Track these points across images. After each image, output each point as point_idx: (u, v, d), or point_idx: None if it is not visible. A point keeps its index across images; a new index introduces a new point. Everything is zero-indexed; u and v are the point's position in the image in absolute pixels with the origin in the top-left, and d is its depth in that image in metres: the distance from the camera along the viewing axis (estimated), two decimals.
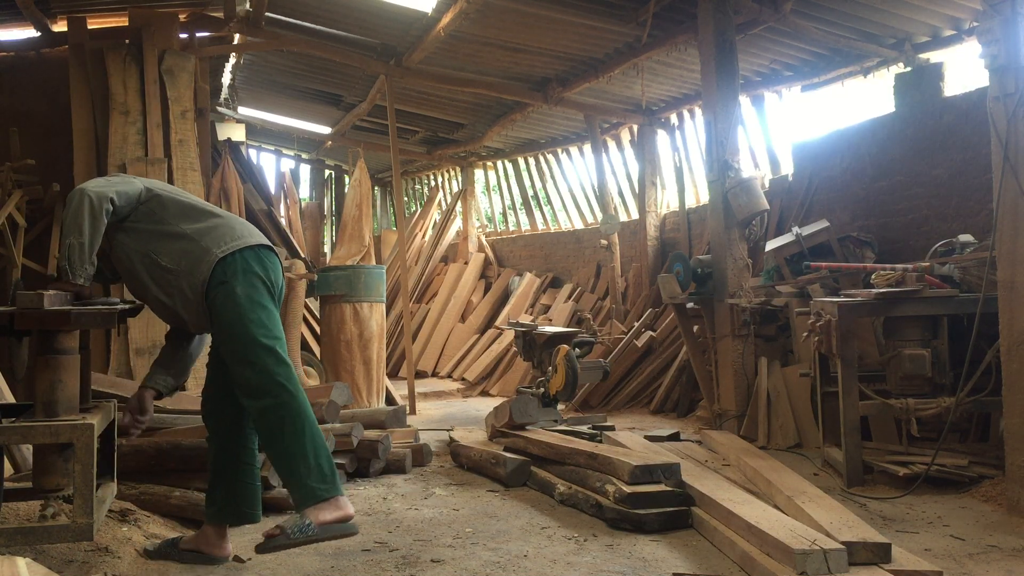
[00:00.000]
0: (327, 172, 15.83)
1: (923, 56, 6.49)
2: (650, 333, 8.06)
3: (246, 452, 3.34)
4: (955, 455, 4.60)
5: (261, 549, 3.02)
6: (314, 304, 8.25)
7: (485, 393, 9.49)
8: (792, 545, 3.06)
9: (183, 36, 7.12)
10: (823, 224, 6.24)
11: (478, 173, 13.90)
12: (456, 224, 13.25)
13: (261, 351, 3.04)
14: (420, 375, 10.59)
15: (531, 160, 12.35)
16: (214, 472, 3.34)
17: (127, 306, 3.16)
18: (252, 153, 14.18)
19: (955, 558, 3.33)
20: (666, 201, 9.72)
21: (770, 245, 6.46)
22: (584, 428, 5.63)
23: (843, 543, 3.08)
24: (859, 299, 4.59)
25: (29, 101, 7.10)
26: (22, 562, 2.35)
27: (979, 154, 5.46)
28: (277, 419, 3.00)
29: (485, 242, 13.06)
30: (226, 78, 10.02)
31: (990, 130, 4.02)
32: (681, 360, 7.43)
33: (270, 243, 3.32)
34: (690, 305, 6.60)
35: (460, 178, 13.67)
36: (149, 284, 3.15)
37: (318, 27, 8.34)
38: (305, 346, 7.76)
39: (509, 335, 9.40)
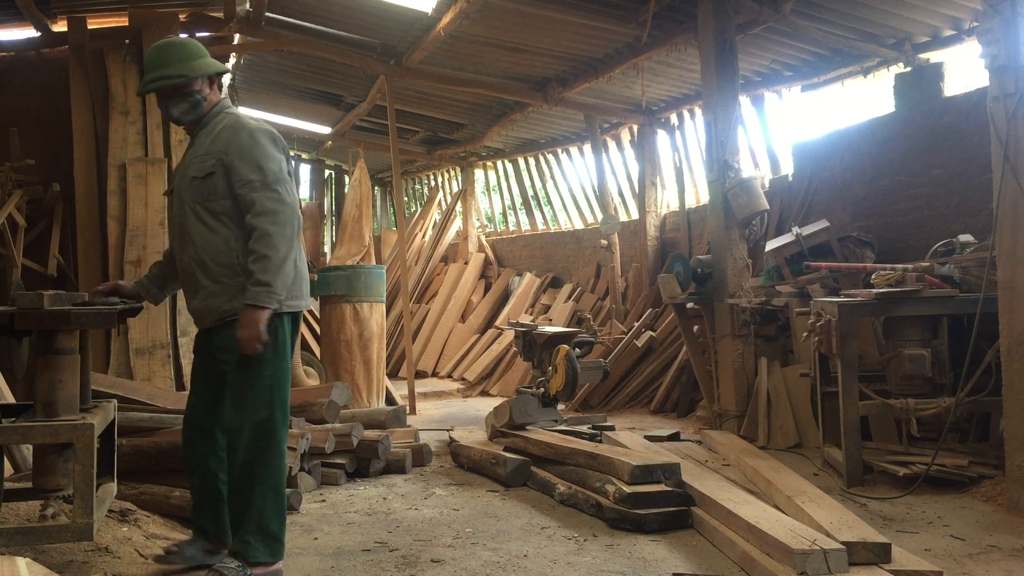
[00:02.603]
0: (327, 172, 15.83)
1: (923, 56, 6.49)
2: (650, 333, 8.06)
3: (222, 480, 3.26)
4: (955, 455, 4.60)
5: None
6: (314, 304, 8.25)
7: (485, 393, 9.49)
8: (792, 545, 3.06)
9: (183, 36, 7.10)
10: (823, 224, 6.23)
11: (478, 173, 13.90)
12: (456, 224, 13.25)
13: (279, 406, 3.09)
14: (420, 375, 10.59)
15: (531, 160, 12.35)
16: (203, 499, 3.24)
17: (127, 306, 3.17)
18: None
19: (955, 558, 3.33)
20: (666, 201, 9.72)
21: (770, 245, 6.46)
22: (584, 428, 5.63)
23: (843, 543, 3.08)
24: (859, 299, 4.59)
25: (29, 101, 7.09)
26: (22, 562, 2.35)
27: (979, 154, 5.46)
28: (240, 464, 3.04)
29: (485, 242, 13.06)
30: (226, 78, 10.01)
31: (990, 130, 4.02)
32: (681, 360, 7.43)
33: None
34: (690, 305, 6.60)
35: (460, 178, 13.67)
36: (202, 252, 3.08)
37: (318, 27, 8.34)
38: (305, 346, 7.77)
39: (509, 335, 9.40)
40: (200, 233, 3.07)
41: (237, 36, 8.19)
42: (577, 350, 5.83)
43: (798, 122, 8.25)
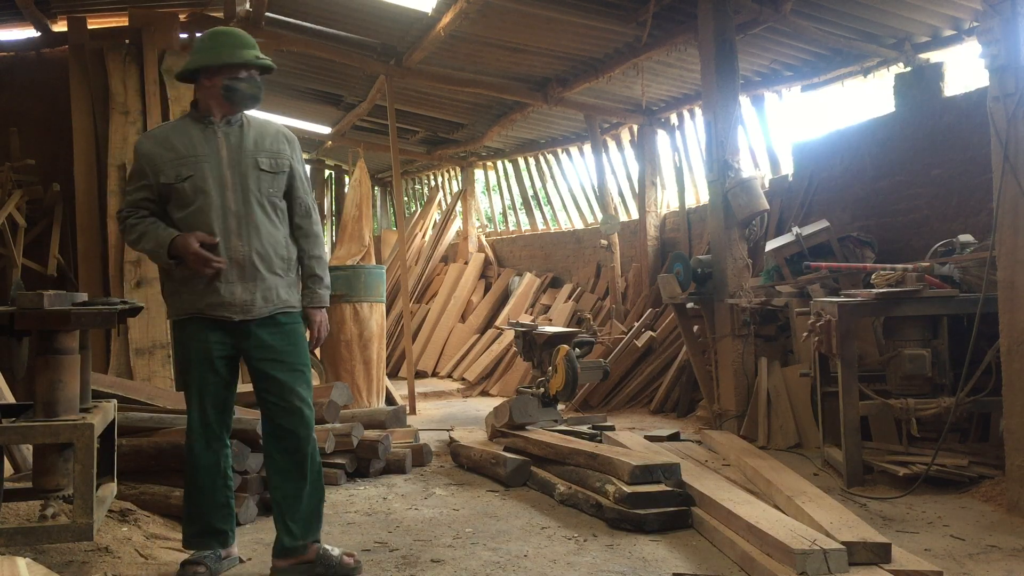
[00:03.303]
0: (327, 172, 15.82)
1: (923, 56, 6.49)
2: (650, 333, 8.06)
3: (231, 480, 3.34)
4: (955, 455, 4.60)
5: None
6: None
7: (485, 393, 9.49)
8: (792, 545, 3.06)
9: (183, 36, 7.11)
10: (823, 224, 6.23)
11: (478, 173, 13.89)
12: (456, 224, 13.25)
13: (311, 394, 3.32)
14: (420, 375, 10.59)
15: (531, 160, 12.35)
16: (220, 504, 3.25)
17: (127, 306, 3.17)
18: None
19: (955, 558, 3.33)
20: (666, 201, 9.72)
21: (770, 245, 6.46)
22: (584, 428, 5.63)
23: (843, 543, 3.08)
24: (859, 299, 4.59)
25: (29, 101, 7.09)
26: (22, 562, 2.35)
27: (979, 154, 5.45)
28: (315, 456, 3.24)
29: (485, 242, 13.06)
30: None
31: (990, 130, 4.02)
32: (681, 360, 7.43)
33: None
34: (690, 305, 6.60)
35: (460, 178, 13.66)
36: (267, 244, 3.17)
37: (318, 27, 8.34)
38: None
39: (509, 335, 9.39)
40: (265, 225, 3.19)
41: None
42: (577, 350, 5.83)
43: (798, 122, 8.26)
